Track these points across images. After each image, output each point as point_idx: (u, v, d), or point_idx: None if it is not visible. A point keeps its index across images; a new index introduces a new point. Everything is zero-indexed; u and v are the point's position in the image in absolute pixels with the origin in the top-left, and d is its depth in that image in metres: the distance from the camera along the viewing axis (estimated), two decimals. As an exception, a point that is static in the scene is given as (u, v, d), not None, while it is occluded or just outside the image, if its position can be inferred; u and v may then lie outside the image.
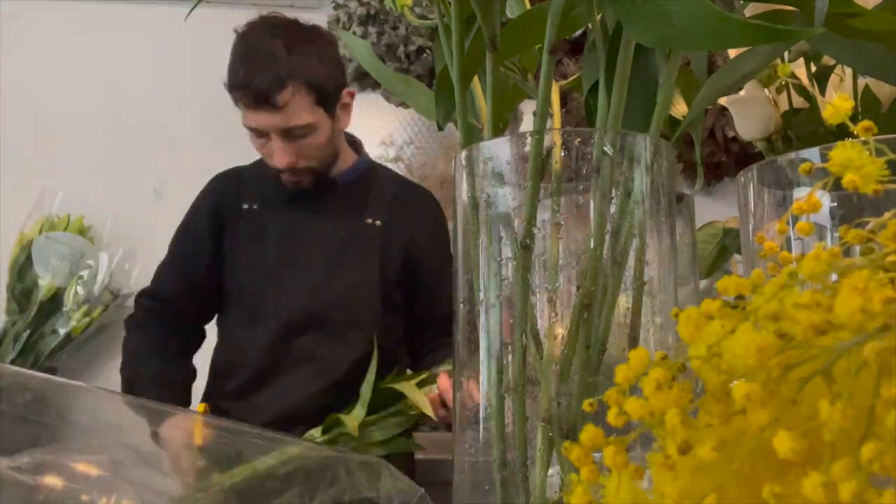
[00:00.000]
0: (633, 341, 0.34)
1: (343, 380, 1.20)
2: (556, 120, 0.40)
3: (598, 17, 0.37)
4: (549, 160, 0.35)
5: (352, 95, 1.28)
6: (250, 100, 1.14)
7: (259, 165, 1.32)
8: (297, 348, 1.25)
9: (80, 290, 1.93)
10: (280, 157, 1.18)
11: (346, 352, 1.24)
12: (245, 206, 1.30)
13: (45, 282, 1.92)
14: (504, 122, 0.42)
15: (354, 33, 2.09)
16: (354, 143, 1.36)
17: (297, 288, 1.26)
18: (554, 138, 0.35)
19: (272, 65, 1.13)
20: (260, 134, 1.19)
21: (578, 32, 0.40)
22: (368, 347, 1.12)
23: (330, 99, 1.21)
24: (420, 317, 1.32)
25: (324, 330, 1.25)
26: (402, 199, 1.32)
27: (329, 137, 1.23)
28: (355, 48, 0.49)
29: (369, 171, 1.35)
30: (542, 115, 0.36)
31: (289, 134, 1.17)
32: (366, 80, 2.00)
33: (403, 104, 2.07)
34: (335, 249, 1.27)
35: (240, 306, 1.30)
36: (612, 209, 0.34)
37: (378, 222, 1.28)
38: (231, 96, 1.20)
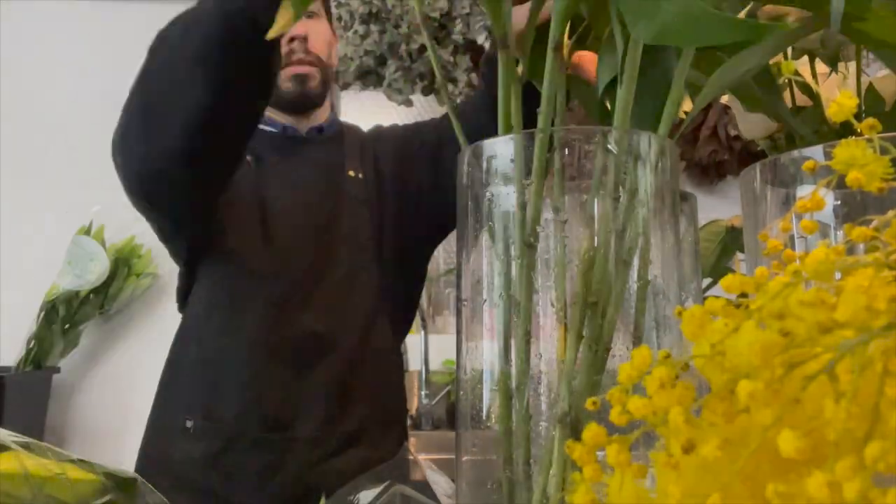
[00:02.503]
0: (637, 340, 0.34)
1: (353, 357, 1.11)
2: (561, 118, 0.40)
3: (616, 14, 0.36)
4: (553, 158, 0.35)
5: (336, 39, 1.29)
6: None
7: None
8: (296, 328, 1.09)
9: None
10: (296, 25, 1.13)
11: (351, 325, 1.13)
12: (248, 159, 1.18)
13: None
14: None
15: (356, 31, 2.09)
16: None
17: (295, 252, 1.12)
18: (559, 136, 0.35)
19: None
20: None
21: (581, 29, 0.40)
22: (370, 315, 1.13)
23: (328, 8, 1.26)
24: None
25: (326, 303, 1.12)
26: (370, 149, 1.27)
27: (328, 45, 1.22)
28: None
29: (343, 125, 1.31)
30: (547, 113, 0.36)
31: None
32: (367, 79, 2.00)
33: (407, 102, 2.07)
34: (333, 201, 1.18)
35: (225, 279, 1.12)
36: (617, 208, 0.34)
37: (360, 175, 1.23)
38: None
